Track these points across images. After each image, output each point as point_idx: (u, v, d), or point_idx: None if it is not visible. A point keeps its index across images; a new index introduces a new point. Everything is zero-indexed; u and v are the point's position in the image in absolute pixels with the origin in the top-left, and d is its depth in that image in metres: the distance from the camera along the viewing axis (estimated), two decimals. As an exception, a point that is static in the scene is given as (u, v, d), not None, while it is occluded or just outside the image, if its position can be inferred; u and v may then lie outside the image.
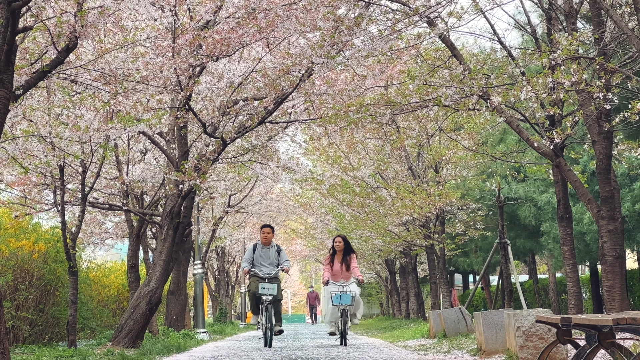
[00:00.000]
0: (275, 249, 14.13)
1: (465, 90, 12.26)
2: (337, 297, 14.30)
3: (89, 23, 8.90)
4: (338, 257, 14.88)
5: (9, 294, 14.23)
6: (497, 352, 10.20)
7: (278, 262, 14.05)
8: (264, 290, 13.55)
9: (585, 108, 11.57)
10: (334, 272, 14.80)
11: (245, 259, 14.07)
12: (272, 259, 13.99)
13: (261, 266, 13.86)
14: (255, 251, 14.04)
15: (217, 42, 11.68)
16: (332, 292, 14.50)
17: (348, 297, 14.25)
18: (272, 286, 13.60)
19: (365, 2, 12.08)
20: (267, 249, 14.02)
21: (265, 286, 13.58)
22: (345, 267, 14.76)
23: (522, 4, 14.43)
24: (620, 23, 9.83)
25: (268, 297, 13.53)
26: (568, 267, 13.54)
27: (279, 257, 14.06)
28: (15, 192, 16.21)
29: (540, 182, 22.38)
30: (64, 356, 11.21)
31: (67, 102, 12.07)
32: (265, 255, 13.93)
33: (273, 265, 13.98)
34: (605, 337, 6.84)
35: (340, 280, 14.72)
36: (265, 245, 14.06)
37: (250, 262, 13.94)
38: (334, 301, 14.32)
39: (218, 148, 13.86)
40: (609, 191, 11.62)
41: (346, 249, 14.93)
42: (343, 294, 14.30)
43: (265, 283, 13.65)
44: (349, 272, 14.77)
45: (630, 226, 19.66)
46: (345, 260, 14.81)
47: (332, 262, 14.87)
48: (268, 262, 13.93)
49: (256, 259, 13.93)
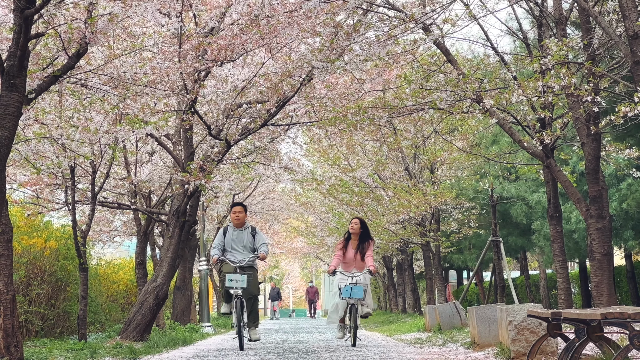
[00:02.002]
0: (249, 231, 11.73)
1: (459, 93, 12.26)
2: (347, 289, 11.78)
3: (99, 29, 8.90)
4: (353, 243, 12.32)
5: (22, 289, 14.22)
6: (490, 345, 10.19)
7: (254, 246, 11.66)
8: (231, 282, 11.18)
9: (575, 111, 11.56)
10: (346, 260, 12.29)
11: (215, 245, 11.71)
12: (247, 242, 11.64)
13: (234, 252, 11.59)
14: (226, 235, 11.73)
15: (222, 47, 11.68)
16: (342, 283, 11.98)
17: (360, 290, 11.73)
18: (242, 278, 11.18)
19: (363, 9, 12.08)
20: (239, 231, 11.69)
21: (233, 277, 11.18)
22: (360, 256, 12.23)
23: (514, 11, 14.42)
24: (608, 30, 9.82)
25: (237, 290, 11.18)
26: (558, 264, 13.53)
27: (254, 241, 11.66)
28: (28, 191, 16.22)
29: (531, 182, 22.38)
30: (74, 349, 11.21)
31: (77, 105, 12.06)
32: (238, 239, 11.64)
33: (248, 250, 11.64)
34: (593, 330, 6.84)
35: (352, 270, 12.20)
36: (237, 228, 11.72)
37: (221, 248, 11.64)
38: (342, 294, 11.79)
39: (222, 149, 13.87)
40: (597, 191, 11.62)
41: (363, 235, 12.36)
42: (354, 286, 11.76)
43: (234, 274, 11.22)
44: (363, 262, 12.24)
45: (618, 224, 19.66)
46: (361, 248, 12.27)
47: (345, 249, 12.34)
48: (241, 247, 11.63)
49: (227, 243, 11.65)
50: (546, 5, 13.36)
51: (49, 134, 12.26)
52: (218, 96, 13.58)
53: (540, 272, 29.49)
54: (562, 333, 7.69)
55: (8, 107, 8.11)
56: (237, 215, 11.78)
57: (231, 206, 12.35)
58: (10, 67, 8.12)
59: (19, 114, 8.24)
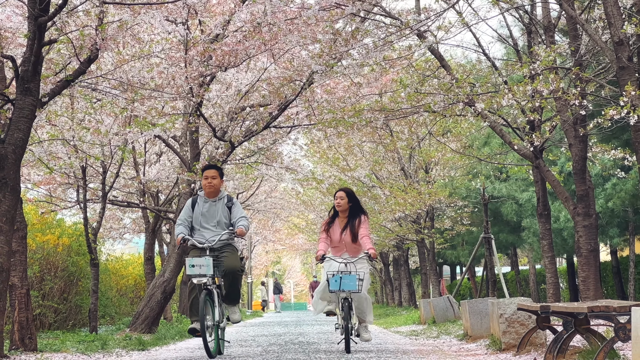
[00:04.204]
0: (224, 202, 8.58)
1: (452, 97, 12.25)
2: (335, 279, 8.62)
3: (109, 36, 8.90)
4: (340, 222, 9.14)
5: (36, 284, 14.22)
6: (482, 337, 10.19)
7: (230, 221, 8.54)
8: (192, 269, 7.99)
9: (563, 114, 11.56)
10: (333, 244, 9.14)
11: (180, 220, 8.55)
12: (221, 217, 8.50)
13: (203, 230, 8.47)
14: (194, 208, 8.58)
15: (226, 53, 11.68)
16: (330, 271, 8.78)
17: (352, 280, 8.60)
18: (207, 262, 8.01)
19: (361, 17, 12.08)
20: (212, 203, 8.55)
21: (195, 262, 7.99)
22: (351, 236, 9.00)
23: (504, 18, 14.42)
24: (594, 36, 9.82)
25: (201, 279, 8.01)
26: (547, 260, 13.53)
27: (230, 214, 8.55)
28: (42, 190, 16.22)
29: (521, 181, 22.38)
30: (86, 341, 11.20)
31: (88, 108, 12.07)
32: (210, 214, 8.51)
33: (222, 226, 8.49)
34: (580, 323, 6.84)
35: (343, 254, 9.06)
36: (209, 198, 8.57)
37: (188, 225, 8.53)
38: (331, 286, 8.65)
39: (227, 150, 13.87)
40: (584, 190, 11.61)
41: (353, 209, 9.12)
42: (345, 274, 8.62)
43: (197, 258, 8.03)
44: (357, 244, 9.01)
45: (604, 222, 19.66)
46: (350, 226, 9.04)
47: (330, 229, 9.15)
48: (214, 223, 8.49)
49: (196, 219, 8.53)
50: (535, 14, 13.36)
51: (61, 136, 12.26)
52: (222, 100, 13.58)
53: (530, 267, 29.48)
54: (551, 325, 7.69)
55: (23, 110, 8.11)
56: (210, 181, 8.52)
57: (202, 169, 8.79)
58: (25, 72, 8.12)
59: (33, 116, 8.24)
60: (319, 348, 9.52)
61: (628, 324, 6.01)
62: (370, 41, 12.02)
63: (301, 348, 9.57)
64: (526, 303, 8.11)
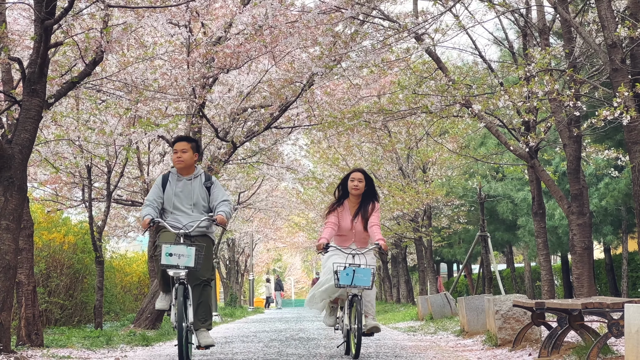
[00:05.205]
0: (201, 180, 7.13)
1: (449, 99, 12.25)
2: (347, 272, 7.21)
3: (114, 39, 8.90)
4: (350, 206, 7.72)
5: (42, 281, 14.22)
6: (478, 333, 10.19)
7: (209, 204, 7.08)
8: (170, 259, 6.54)
9: (557, 115, 11.56)
10: (341, 231, 7.68)
11: (148, 201, 7.03)
12: (198, 198, 7.03)
13: (177, 213, 6.99)
14: (165, 186, 7.07)
15: (228, 55, 11.67)
16: (338, 264, 7.32)
17: (367, 275, 7.24)
18: (188, 251, 6.56)
19: (360, 20, 12.08)
20: (187, 181, 7.09)
21: (173, 251, 6.55)
22: (363, 223, 7.67)
23: (500, 21, 14.42)
24: (588, 39, 9.82)
25: (179, 271, 6.57)
26: (542, 257, 13.52)
27: (209, 196, 7.08)
28: (48, 189, 16.22)
29: (516, 181, 22.37)
30: (91, 336, 11.21)
31: (93, 109, 12.07)
32: (184, 194, 7.03)
33: (200, 209, 7.03)
34: (574, 319, 6.84)
35: (350, 244, 7.70)
36: (183, 175, 7.11)
37: (158, 206, 7.01)
38: (340, 280, 7.23)
39: (229, 151, 13.87)
40: (578, 189, 11.61)
41: (367, 193, 7.78)
42: (358, 267, 7.25)
43: (175, 245, 6.57)
44: (367, 233, 7.72)
45: (597, 220, 19.66)
46: (363, 212, 7.69)
47: (338, 214, 7.67)
48: (189, 205, 7.01)
49: (168, 199, 7.02)
50: (530, 17, 13.36)
51: (67, 136, 12.27)
52: (225, 101, 13.58)
53: (525, 265, 29.48)
54: (546, 322, 7.69)
55: (29, 111, 8.11)
56: (179, 155, 7.01)
57: (172, 142, 7.25)
58: (32, 74, 8.12)
59: (39, 117, 8.24)
60: (319, 344, 9.52)
61: (621, 320, 6.02)
62: (369, 44, 12.02)
63: (301, 344, 9.57)
64: (521, 300, 8.11)
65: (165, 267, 6.58)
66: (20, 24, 11.33)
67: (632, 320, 4.66)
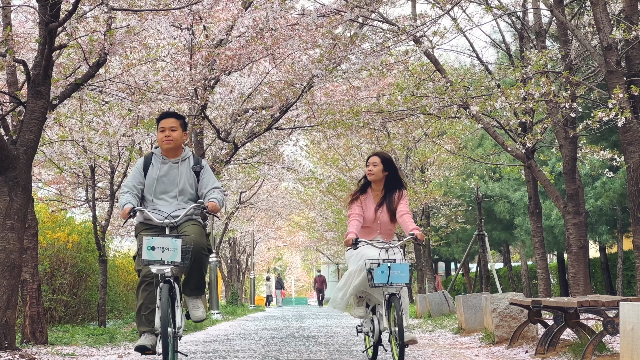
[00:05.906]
0: (189, 163, 6.00)
1: (447, 100, 12.25)
2: (382, 269, 6.19)
3: (117, 41, 8.90)
4: (374, 195, 6.75)
5: (47, 279, 14.22)
6: (475, 331, 10.19)
7: (197, 191, 5.99)
8: (152, 253, 5.45)
9: (553, 116, 11.56)
10: (364, 223, 6.65)
11: (127, 187, 5.91)
12: (185, 184, 5.94)
13: (159, 201, 5.91)
14: (147, 170, 5.97)
15: (229, 57, 11.68)
16: (370, 258, 6.30)
17: (404, 270, 6.25)
18: (173, 243, 5.46)
19: (359, 23, 12.08)
20: (172, 164, 5.97)
21: (156, 244, 5.45)
22: (388, 214, 6.68)
23: (497, 24, 14.43)
24: (584, 41, 9.82)
25: (164, 268, 5.47)
26: (538, 256, 13.53)
27: (198, 181, 5.99)
28: (52, 189, 16.22)
29: (513, 181, 22.39)
30: (95, 334, 11.21)
31: (97, 110, 12.07)
32: (169, 179, 5.94)
33: (186, 196, 5.96)
34: (570, 317, 6.84)
35: (375, 236, 6.69)
36: (168, 157, 5.98)
37: (138, 193, 5.92)
38: (375, 279, 6.21)
39: (230, 151, 13.87)
40: (574, 189, 11.62)
41: (390, 180, 6.75)
42: (393, 263, 6.25)
43: (159, 237, 5.47)
44: (393, 225, 6.78)
45: (593, 220, 19.67)
46: (388, 201, 6.70)
47: (361, 203, 6.69)
48: (174, 192, 5.93)
49: (149, 186, 5.92)
50: (527, 19, 13.37)
51: (71, 137, 12.27)
52: (226, 102, 13.59)
53: (522, 263, 29.49)
54: (542, 320, 7.70)
55: (34, 113, 8.12)
56: (168, 133, 5.89)
57: (158, 119, 6.03)
58: (36, 76, 8.12)
59: (43, 118, 8.25)
60: (319, 341, 9.53)
61: (616, 318, 6.02)
62: (369, 46, 12.03)
63: (302, 341, 9.58)
64: (518, 298, 8.11)
65: (147, 264, 5.48)
66: (25, 26, 11.32)
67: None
